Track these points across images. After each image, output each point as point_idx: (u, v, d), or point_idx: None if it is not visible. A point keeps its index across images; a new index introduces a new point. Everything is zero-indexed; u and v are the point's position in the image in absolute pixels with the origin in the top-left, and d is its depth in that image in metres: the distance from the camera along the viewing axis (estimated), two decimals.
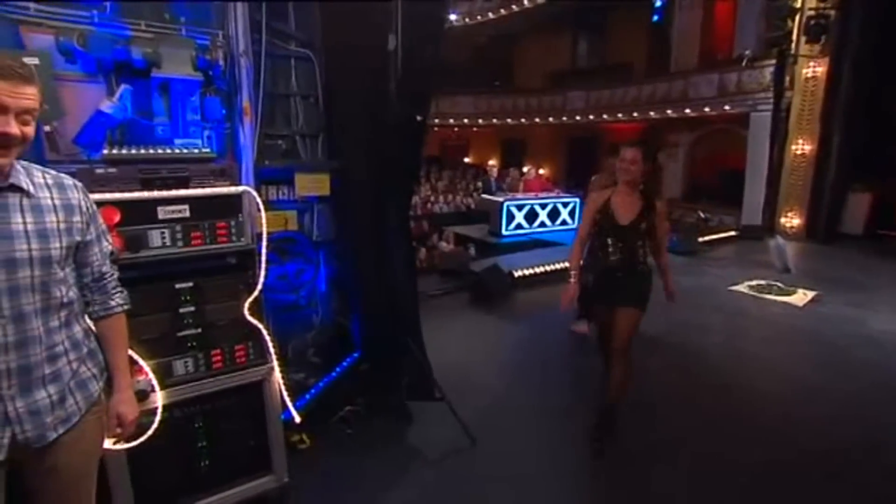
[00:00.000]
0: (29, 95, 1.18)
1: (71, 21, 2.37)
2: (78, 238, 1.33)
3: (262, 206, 1.98)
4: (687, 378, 3.86)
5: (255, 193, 1.96)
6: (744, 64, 11.34)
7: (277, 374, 2.11)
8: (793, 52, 9.19)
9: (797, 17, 9.05)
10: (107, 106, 2.43)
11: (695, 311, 5.29)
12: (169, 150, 1.96)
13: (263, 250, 1.98)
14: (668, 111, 14.47)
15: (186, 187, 1.84)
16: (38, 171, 1.30)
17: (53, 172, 1.34)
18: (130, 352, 1.72)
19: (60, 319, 1.31)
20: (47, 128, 1.88)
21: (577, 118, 17.05)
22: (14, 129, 1.16)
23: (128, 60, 2.45)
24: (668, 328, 4.69)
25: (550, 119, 17.93)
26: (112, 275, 1.47)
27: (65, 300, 1.31)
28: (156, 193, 1.77)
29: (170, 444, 1.92)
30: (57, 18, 2.34)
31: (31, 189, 1.25)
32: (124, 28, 2.49)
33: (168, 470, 1.96)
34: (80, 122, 2.11)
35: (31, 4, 2.26)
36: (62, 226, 1.29)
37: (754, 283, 6.43)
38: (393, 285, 2.95)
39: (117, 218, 1.69)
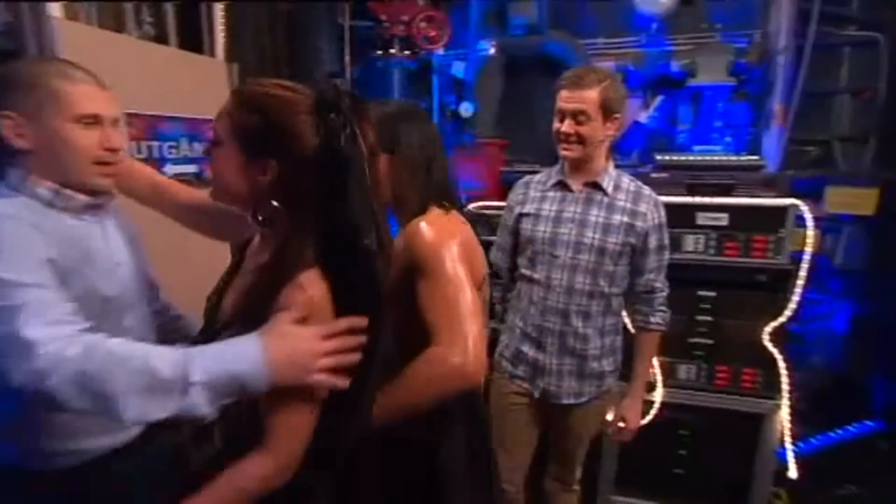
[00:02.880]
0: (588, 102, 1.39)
1: (626, 47, 2.76)
2: (633, 240, 1.45)
3: (811, 223, 1.72)
4: None
5: (804, 208, 1.72)
6: None
7: (784, 416, 1.83)
8: None
9: None
10: (643, 117, 2.71)
11: None
12: (717, 158, 1.96)
13: (803, 272, 1.72)
14: None
15: (729, 195, 1.80)
16: (626, 178, 1.51)
17: (638, 182, 1.51)
18: None
19: (599, 307, 1.49)
20: None
21: None
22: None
23: (666, 73, 2.65)
24: None
25: None
26: (662, 292, 1.54)
27: (605, 291, 1.47)
28: (697, 199, 1.80)
29: (654, 438, 1.98)
30: (616, 46, 2.78)
31: (610, 190, 1.46)
32: (667, 44, 2.70)
33: (647, 461, 2.04)
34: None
35: (601, 40, 2.77)
36: (624, 226, 1.44)
37: None
38: None
39: None
